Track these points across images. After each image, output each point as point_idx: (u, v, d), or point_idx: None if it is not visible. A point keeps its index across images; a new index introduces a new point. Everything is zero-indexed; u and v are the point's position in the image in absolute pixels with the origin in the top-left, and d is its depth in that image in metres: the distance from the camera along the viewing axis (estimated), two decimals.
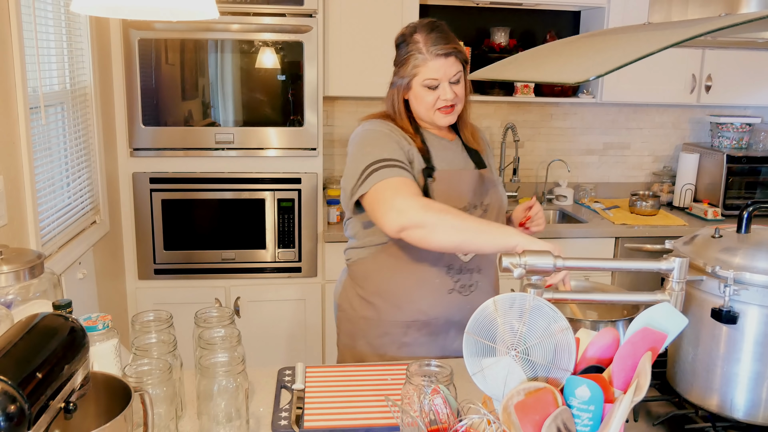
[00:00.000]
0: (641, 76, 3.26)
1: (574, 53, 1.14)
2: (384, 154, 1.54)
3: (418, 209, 1.43)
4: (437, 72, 1.59)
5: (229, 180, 2.88)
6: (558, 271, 1.15)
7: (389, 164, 1.52)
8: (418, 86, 1.62)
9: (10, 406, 0.73)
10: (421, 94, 1.62)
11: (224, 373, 1.18)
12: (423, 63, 1.59)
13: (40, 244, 2.01)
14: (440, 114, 1.64)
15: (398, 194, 1.46)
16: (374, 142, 1.59)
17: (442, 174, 1.63)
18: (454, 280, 1.66)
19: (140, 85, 2.74)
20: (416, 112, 1.67)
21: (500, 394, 1.00)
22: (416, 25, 1.64)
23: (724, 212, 3.32)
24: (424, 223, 1.42)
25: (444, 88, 1.60)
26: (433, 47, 1.58)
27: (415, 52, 1.60)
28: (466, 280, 1.67)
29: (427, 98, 1.62)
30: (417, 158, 1.62)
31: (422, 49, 1.59)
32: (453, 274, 1.65)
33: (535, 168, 3.66)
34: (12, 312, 1.17)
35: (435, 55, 1.58)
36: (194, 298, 2.89)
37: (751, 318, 1.17)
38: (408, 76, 1.62)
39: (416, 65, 1.60)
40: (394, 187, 1.48)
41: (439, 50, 1.58)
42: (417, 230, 1.43)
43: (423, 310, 1.66)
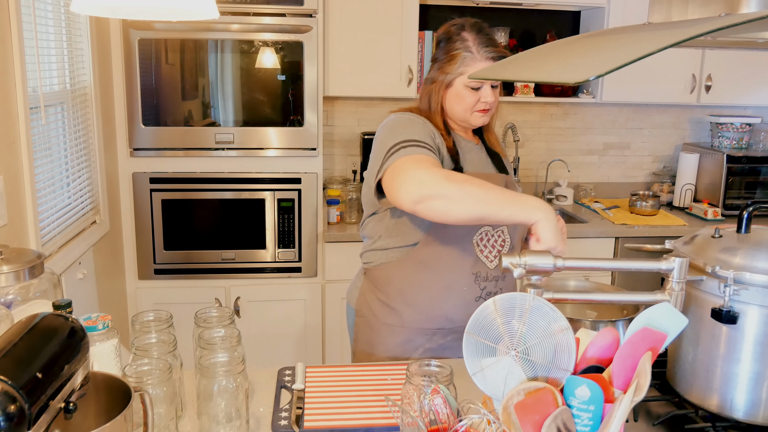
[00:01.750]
0: (641, 76, 3.26)
1: (574, 53, 1.14)
2: (414, 135, 1.49)
3: (441, 179, 1.35)
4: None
5: (229, 180, 2.88)
6: (558, 271, 1.15)
7: (416, 144, 1.46)
8: (460, 85, 1.59)
9: (10, 406, 0.73)
10: (462, 94, 1.60)
11: (224, 373, 1.18)
12: (472, 63, 1.57)
13: (40, 244, 2.01)
14: (477, 114, 1.62)
15: (419, 166, 1.39)
16: (405, 124, 1.54)
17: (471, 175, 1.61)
18: (481, 287, 1.64)
19: (140, 85, 2.74)
20: (451, 110, 1.64)
21: (500, 394, 0.99)
22: (463, 23, 1.62)
23: (724, 212, 3.32)
24: (447, 193, 1.34)
25: (486, 90, 1.59)
26: (484, 49, 1.57)
27: (463, 51, 1.58)
28: (492, 287, 1.65)
29: (468, 98, 1.60)
30: (446, 157, 1.59)
31: (472, 48, 1.57)
32: (480, 281, 1.63)
33: (535, 168, 3.66)
34: (12, 312, 1.17)
35: (485, 57, 1.57)
36: (194, 298, 2.89)
37: (751, 318, 1.17)
38: (453, 74, 1.59)
39: (465, 64, 1.57)
40: (416, 161, 1.41)
41: (490, 53, 1.57)
42: (438, 201, 1.34)
43: (450, 318, 1.64)
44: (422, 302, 1.63)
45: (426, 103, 1.65)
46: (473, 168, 1.64)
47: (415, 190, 1.36)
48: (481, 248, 1.62)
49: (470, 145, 1.69)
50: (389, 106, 3.33)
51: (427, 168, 1.38)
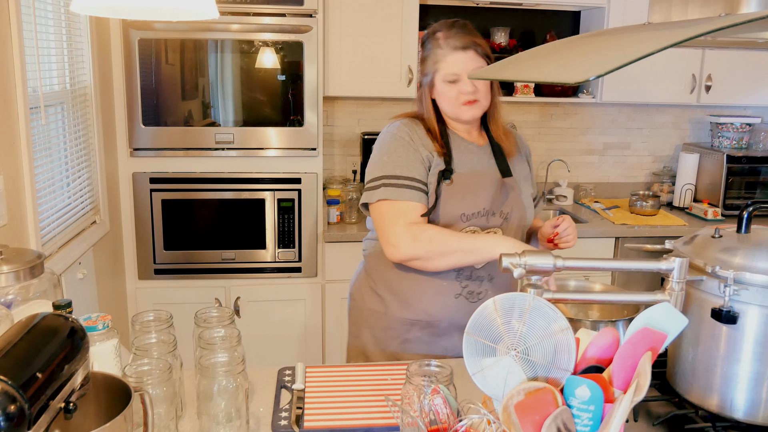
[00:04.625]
0: (641, 76, 3.26)
1: (574, 53, 1.14)
2: (396, 169, 1.60)
3: (408, 244, 1.54)
4: (456, 66, 1.60)
5: (229, 180, 2.88)
6: (558, 271, 1.15)
7: (398, 183, 1.59)
8: (440, 82, 1.63)
9: (10, 406, 0.73)
10: (443, 90, 1.63)
11: (224, 373, 1.18)
12: (442, 58, 1.61)
13: (40, 244, 2.01)
14: (465, 108, 1.63)
15: (393, 225, 1.56)
16: (393, 152, 1.62)
17: (460, 177, 1.63)
18: (462, 285, 1.65)
19: (140, 85, 2.74)
20: (442, 109, 1.67)
21: (500, 394, 1.00)
22: (439, 24, 1.67)
23: (724, 212, 3.32)
24: (416, 256, 1.55)
25: (464, 81, 1.61)
26: (450, 40, 1.61)
27: (434, 48, 1.63)
28: (475, 287, 1.67)
29: (449, 93, 1.62)
30: (437, 161, 1.62)
31: (441, 44, 1.62)
32: (462, 279, 1.65)
33: (535, 168, 3.66)
34: (12, 312, 1.17)
35: (453, 48, 1.60)
36: (194, 298, 2.89)
37: (751, 318, 1.17)
38: (430, 72, 1.64)
39: (436, 61, 1.63)
40: (391, 216, 1.58)
41: (456, 43, 1.60)
42: (412, 262, 1.58)
43: (427, 311, 1.67)
44: (404, 292, 1.68)
45: (420, 106, 1.70)
46: (468, 169, 1.65)
47: (392, 254, 1.58)
48: None
49: (471, 147, 1.69)
50: (389, 106, 3.33)
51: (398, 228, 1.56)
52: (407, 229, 1.55)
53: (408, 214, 1.57)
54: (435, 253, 1.53)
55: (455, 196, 1.61)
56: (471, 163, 1.67)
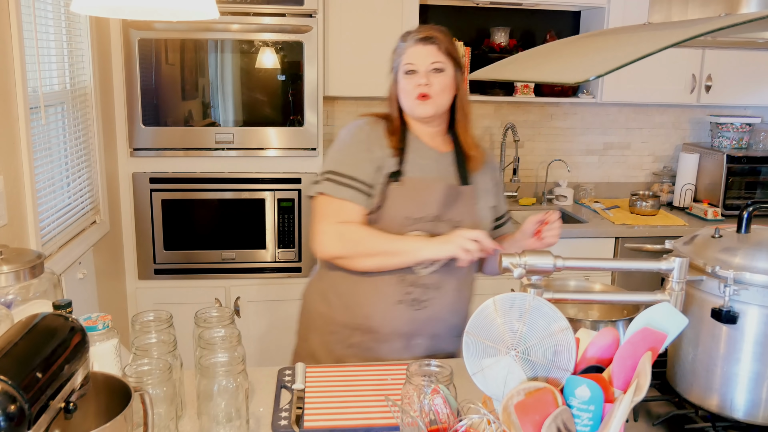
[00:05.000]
0: (641, 76, 3.26)
1: (574, 53, 1.14)
2: (342, 167, 1.61)
3: (334, 242, 1.58)
4: (414, 57, 1.61)
5: (229, 180, 2.88)
6: (558, 271, 1.15)
7: (340, 181, 1.60)
8: (401, 75, 1.64)
9: (10, 406, 0.73)
10: (402, 83, 1.64)
11: (224, 373, 1.18)
12: (404, 50, 1.63)
13: (40, 244, 2.01)
14: (416, 102, 1.61)
15: (323, 222, 1.60)
16: (345, 149, 1.65)
17: (410, 180, 1.62)
18: (406, 291, 1.62)
19: (140, 85, 2.74)
20: (403, 107, 1.66)
21: (500, 394, 1.00)
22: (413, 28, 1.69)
23: (724, 212, 3.32)
24: (340, 255, 1.59)
25: (421, 74, 1.61)
26: (414, 34, 1.64)
27: (399, 43, 1.66)
28: (420, 294, 1.63)
29: (406, 86, 1.62)
30: (390, 162, 1.62)
31: (405, 38, 1.65)
32: (405, 285, 1.62)
33: (535, 168, 3.66)
34: (12, 312, 1.17)
35: (414, 41, 1.62)
36: (194, 298, 2.89)
37: (751, 318, 1.17)
38: (395, 66, 1.66)
39: (399, 53, 1.65)
40: (325, 212, 1.61)
41: (417, 35, 1.62)
42: (338, 261, 1.61)
43: (368, 316, 1.65)
44: (348, 297, 1.67)
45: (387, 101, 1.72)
46: (420, 173, 1.63)
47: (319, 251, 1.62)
48: None
49: (430, 153, 1.67)
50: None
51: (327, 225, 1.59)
52: (335, 228, 1.58)
53: (341, 213, 1.59)
54: (358, 253, 1.57)
55: (403, 198, 1.61)
56: (426, 168, 1.65)
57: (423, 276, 1.62)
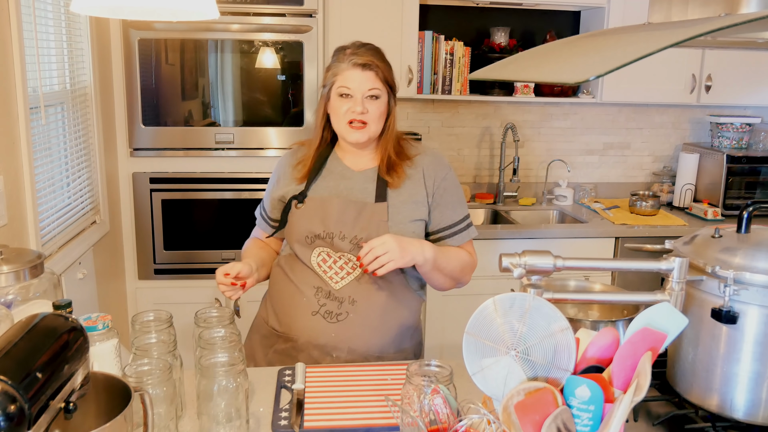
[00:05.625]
0: (641, 76, 3.26)
1: (574, 53, 1.14)
2: (265, 199, 1.80)
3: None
4: (352, 81, 1.58)
5: (229, 180, 2.88)
6: (558, 271, 1.15)
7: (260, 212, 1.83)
8: (334, 95, 1.61)
9: (10, 406, 0.73)
10: (335, 104, 1.62)
11: (224, 373, 1.18)
12: (341, 71, 1.60)
13: (40, 244, 2.01)
14: (349, 128, 1.60)
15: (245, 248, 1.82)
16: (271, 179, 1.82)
17: (311, 200, 1.65)
18: (320, 303, 1.63)
19: (140, 85, 2.74)
20: (333, 125, 1.65)
21: (500, 394, 1.00)
22: (353, 42, 1.65)
23: (724, 212, 3.32)
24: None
25: (356, 100, 1.58)
26: (353, 57, 1.59)
27: (337, 61, 1.62)
28: (334, 307, 1.62)
29: (339, 108, 1.60)
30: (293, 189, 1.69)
31: (344, 58, 1.60)
32: (320, 297, 1.63)
33: (535, 168, 3.66)
34: (12, 312, 1.17)
35: (353, 64, 1.58)
36: (194, 298, 2.88)
37: (751, 318, 1.17)
38: (328, 84, 1.63)
39: (335, 73, 1.61)
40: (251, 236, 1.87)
41: (358, 60, 1.58)
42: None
43: (287, 324, 1.66)
44: (275, 303, 1.72)
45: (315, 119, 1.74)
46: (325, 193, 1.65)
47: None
48: (324, 269, 1.63)
49: (345, 172, 1.68)
50: None
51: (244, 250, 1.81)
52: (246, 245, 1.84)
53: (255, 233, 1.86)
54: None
55: (303, 218, 1.64)
56: (333, 188, 1.66)
57: (336, 290, 1.62)
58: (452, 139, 3.50)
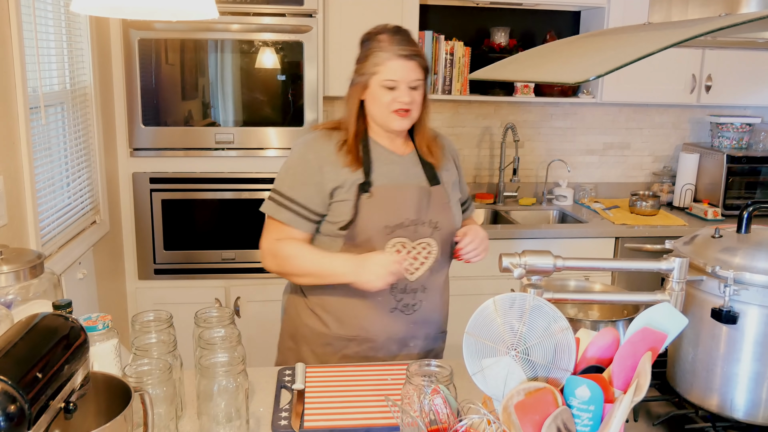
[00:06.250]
0: (641, 76, 3.26)
1: (574, 53, 1.14)
2: (285, 187, 1.63)
3: (270, 259, 1.63)
4: (397, 73, 1.57)
5: (229, 180, 2.88)
6: (558, 271, 1.15)
7: (281, 201, 1.62)
8: (376, 86, 1.59)
9: (10, 406, 0.73)
10: (378, 94, 1.59)
11: (224, 373, 1.18)
12: (384, 62, 1.57)
13: (40, 244, 2.01)
14: (394, 116, 1.60)
15: (264, 238, 1.65)
16: (290, 169, 1.64)
17: (379, 189, 1.60)
18: (397, 299, 1.63)
19: (140, 85, 2.74)
20: (371, 113, 1.63)
21: (500, 394, 1.00)
22: (383, 27, 1.63)
23: (724, 212, 3.32)
24: (276, 272, 1.63)
25: (402, 90, 1.58)
26: (396, 47, 1.57)
27: (377, 50, 1.58)
28: (410, 299, 1.64)
29: (383, 98, 1.59)
30: (350, 176, 1.59)
31: (385, 47, 1.58)
32: (396, 293, 1.62)
33: (535, 168, 3.66)
34: (12, 312, 1.17)
35: (397, 55, 1.56)
36: (194, 298, 2.88)
37: (751, 318, 1.17)
38: (368, 73, 1.60)
39: (377, 63, 1.58)
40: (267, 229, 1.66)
41: (402, 51, 1.57)
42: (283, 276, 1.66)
43: (364, 327, 1.64)
44: (339, 311, 1.65)
45: (347, 108, 1.66)
46: (388, 180, 1.62)
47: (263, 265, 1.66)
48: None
49: (393, 157, 1.66)
50: None
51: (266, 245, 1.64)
52: (271, 246, 1.62)
53: (281, 232, 1.62)
54: (291, 272, 1.62)
55: (376, 208, 1.59)
56: (393, 174, 1.63)
57: (411, 282, 1.63)
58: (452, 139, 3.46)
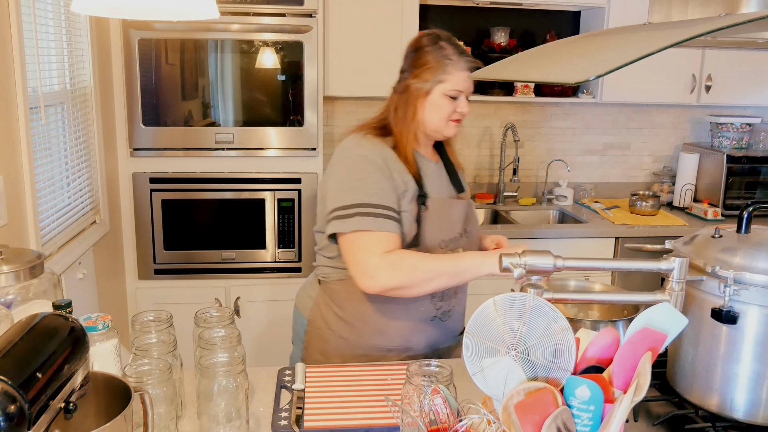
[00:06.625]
0: (641, 76, 3.26)
1: (574, 53, 1.14)
2: (373, 197, 1.50)
3: (389, 274, 1.45)
4: (463, 84, 1.58)
5: (229, 180, 2.88)
6: (558, 271, 1.15)
7: (376, 213, 1.49)
8: (438, 94, 1.58)
9: (10, 406, 0.73)
10: (439, 103, 1.59)
11: (224, 373, 1.18)
12: (453, 71, 1.57)
13: (40, 244, 2.01)
14: (451, 125, 1.62)
15: (370, 255, 1.46)
16: (367, 178, 1.52)
17: (434, 202, 1.60)
18: (437, 307, 1.65)
19: (140, 85, 2.74)
20: (426, 120, 1.61)
21: (500, 394, 1.00)
22: (438, 33, 1.61)
23: (724, 212, 3.32)
24: (398, 285, 1.47)
25: (463, 101, 1.60)
26: (464, 58, 1.58)
27: (444, 59, 1.57)
28: (447, 306, 1.67)
29: (445, 107, 1.59)
30: (411, 184, 1.58)
31: (453, 58, 1.57)
32: (436, 301, 1.64)
33: (535, 168, 3.66)
34: (12, 312, 1.17)
35: (465, 66, 1.58)
36: (194, 298, 2.89)
37: (751, 318, 1.17)
38: (432, 81, 1.57)
39: (445, 71, 1.56)
40: (367, 245, 1.47)
41: (470, 62, 1.58)
42: (393, 292, 1.48)
43: (406, 337, 1.64)
44: (379, 322, 1.63)
45: (402, 112, 1.61)
46: (436, 192, 1.63)
47: (370, 286, 1.47)
48: None
49: (431, 166, 1.67)
50: None
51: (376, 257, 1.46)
52: (385, 259, 1.46)
53: (385, 244, 1.48)
54: (418, 280, 1.47)
55: (433, 222, 1.59)
56: (435, 185, 1.64)
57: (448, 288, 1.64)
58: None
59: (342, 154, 1.59)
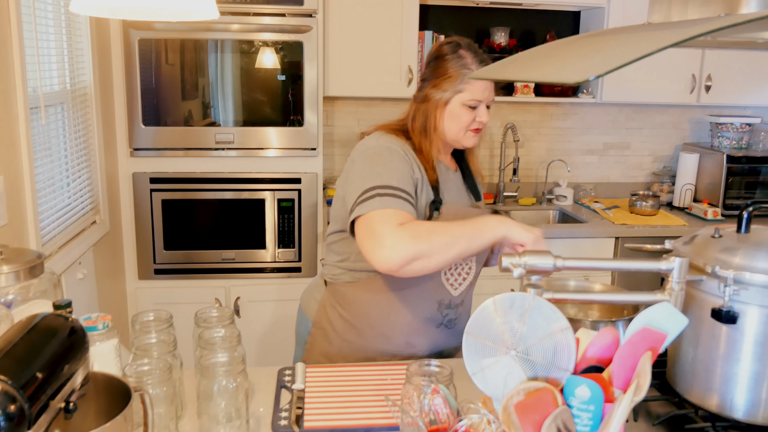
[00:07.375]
0: (641, 76, 3.26)
1: (574, 53, 1.14)
2: (393, 180, 1.45)
3: (409, 241, 1.35)
4: (482, 93, 1.57)
5: (229, 180, 2.88)
6: (558, 271, 1.15)
7: (390, 194, 1.43)
8: (457, 104, 1.57)
9: (10, 406, 0.73)
10: (458, 113, 1.57)
11: (224, 373, 1.18)
12: (472, 82, 1.55)
13: (40, 244, 2.01)
14: (470, 134, 1.60)
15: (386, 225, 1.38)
16: (387, 163, 1.49)
17: (449, 208, 1.58)
18: (443, 314, 1.65)
19: (140, 85, 2.74)
20: (446, 129, 1.59)
21: (500, 394, 1.00)
22: (458, 41, 1.59)
23: (724, 212, 3.32)
24: (419, 253, 1.36)
25: (482, 110, 1.59)
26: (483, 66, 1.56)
27: (463, 68, 1.55)
28: (453, 314, 1.67)
29: (464, 117, 1.57)
30: (426, 188, 1.55)
31: (473, 67, 1.55)
32: (443, 309, 1.64)
33: (535, 168, 3.66)
34: (12, 312, 1.17)
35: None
36: (194, 298, 2.89)
37: (751, 318, 1.17)
38: (451, 90, 1.56)
39: (465, 82, 1.55)
40: (380, 221, 1.39)
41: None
42: (414, 263, 1.37)
43: (411, 343, 1.64)
44: (385, 326, 1.63)
45: (421, 122, 1.60)
46: (451, 198, 1.63)
47: (388, 257, 1.35)
48: (447, 277, 1.62)
49: (449, 173, 1.67)
50: (389, 106, 3.33)
51: (394, 231, 1.37)
52: (402, 230, 1.37)
53: (401, 218, 1.41)
54: (438, 246, 1.36)
55: None
56: (452, 192, 1.64)
57: (455, 297, 1.65)
58: None
59: (363, 148, 1.57)
